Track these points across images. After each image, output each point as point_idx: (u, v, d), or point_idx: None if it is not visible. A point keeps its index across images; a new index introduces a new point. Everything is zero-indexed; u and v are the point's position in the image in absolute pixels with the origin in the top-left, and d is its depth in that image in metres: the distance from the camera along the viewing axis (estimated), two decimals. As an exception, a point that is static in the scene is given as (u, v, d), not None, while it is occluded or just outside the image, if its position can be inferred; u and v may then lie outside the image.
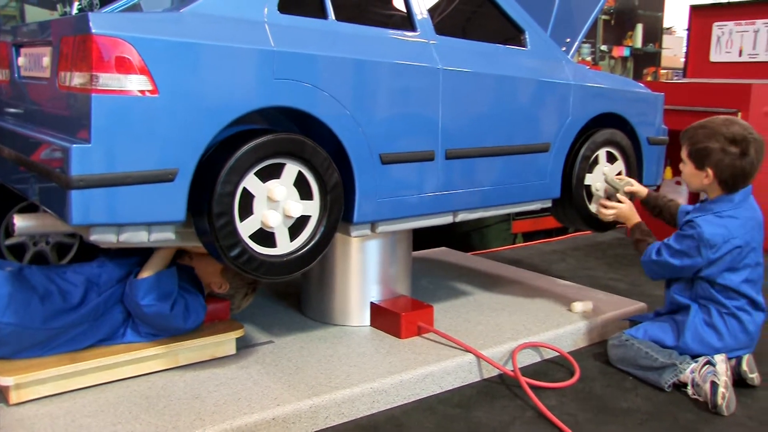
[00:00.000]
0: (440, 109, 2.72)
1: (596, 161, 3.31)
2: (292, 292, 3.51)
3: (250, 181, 2.27)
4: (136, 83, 2.01)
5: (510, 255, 4.86)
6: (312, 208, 2.43)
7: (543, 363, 3.00)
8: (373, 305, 3.12)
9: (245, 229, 2.28)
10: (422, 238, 4.35)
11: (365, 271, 3.12)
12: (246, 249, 2.27)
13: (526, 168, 3.07)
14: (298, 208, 2.37)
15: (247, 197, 2.27)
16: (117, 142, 2.00)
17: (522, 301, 3.50)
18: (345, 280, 3.12)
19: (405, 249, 3.24)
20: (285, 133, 2.34)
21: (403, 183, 2.66)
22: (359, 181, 2.52)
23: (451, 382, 2.74)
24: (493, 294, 3.61)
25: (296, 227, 2.41)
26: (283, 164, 2.34)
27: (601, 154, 3.32)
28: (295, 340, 2.93)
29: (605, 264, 4.69)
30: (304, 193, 2.40)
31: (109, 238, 2.11)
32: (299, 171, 2.37)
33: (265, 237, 2.34)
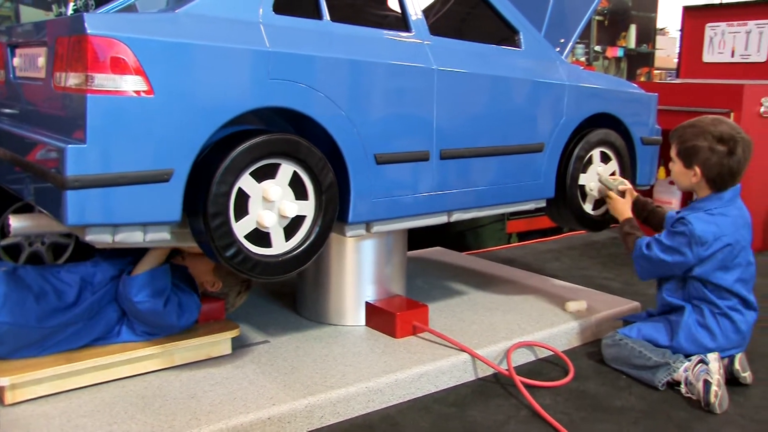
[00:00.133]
0: (435, 109, 2.73)
1: (590, 161, 3.32)
2: (288, 292, 3.51)
3: (246, 182, 2.27)
4: (131, 84, 2.01)
5: (504, 255, 4.88)
6: (307, 208, 2.43)
7: (537, 362, 3.01)
8: (368, 305, 3.12)
9: (241, 229, 2.28)
10: (417, 238, 4.36)
11: (360, 270, 3.13)
12: (241, 249, 2.27)
13: (521, 168, 3.07)
14: (293, 208, 2.38)
15: (243, 197, 2.28)
16: (112, 143, 2.00)
17: (516, 300, 3.51)
18: (340, 279, 3.12)
19: (400, 249, 3.25)
20: (280, 133, 2.34)
21: (397, 183, 2.66)
22: (354, 181, 2.52)
23: (446, 381, 2.75)
24: (488, 293, 3.62)
25: (291, 227, 2.41)
26: (279, 164, 2.34)
27: (595, 154, 3.34)
28: (290, 340, 2.94)
29: (599, 263, 4.71)
30: (300, 194, 2.41)
31: (105, 239, 2.11)
32: (294, 171, 2.38)
33: (261, 237, 2.35)
